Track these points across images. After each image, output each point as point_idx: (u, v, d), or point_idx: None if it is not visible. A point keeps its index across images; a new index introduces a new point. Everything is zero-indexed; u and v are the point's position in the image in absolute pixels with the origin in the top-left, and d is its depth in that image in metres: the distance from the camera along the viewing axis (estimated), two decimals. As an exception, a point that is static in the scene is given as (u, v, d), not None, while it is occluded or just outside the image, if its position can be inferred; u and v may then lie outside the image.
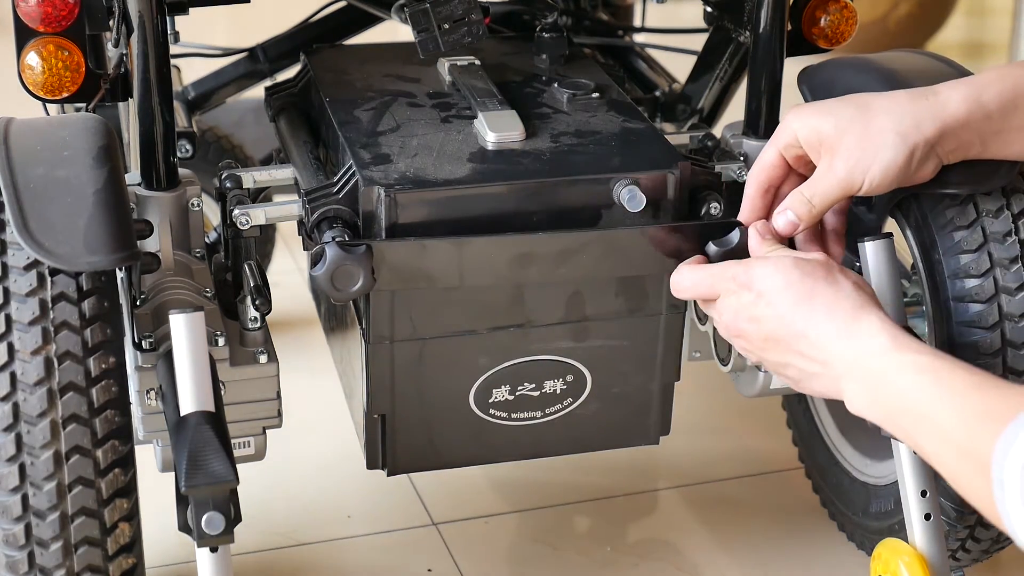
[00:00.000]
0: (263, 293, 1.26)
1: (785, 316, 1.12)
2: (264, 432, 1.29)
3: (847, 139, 1.18)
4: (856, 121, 1.19)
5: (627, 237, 1.25)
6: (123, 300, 1.24)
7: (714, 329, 1.44)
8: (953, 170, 1.23)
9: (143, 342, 1.22)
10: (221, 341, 1.24)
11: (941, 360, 1.02)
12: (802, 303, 1.11)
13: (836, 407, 1.61)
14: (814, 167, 1.22)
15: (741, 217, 1.25)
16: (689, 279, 1.22)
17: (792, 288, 1.12)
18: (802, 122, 1.21)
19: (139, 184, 1.29)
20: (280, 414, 1.29)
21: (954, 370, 1.00)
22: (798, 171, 1.25)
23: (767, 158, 1.24)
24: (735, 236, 1.24)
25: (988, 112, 1.18)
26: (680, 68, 1.66)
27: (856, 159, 1.18)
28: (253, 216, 1.29)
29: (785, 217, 1.22)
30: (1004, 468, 0.92)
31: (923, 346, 1.05)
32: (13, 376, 1.13)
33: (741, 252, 1.23)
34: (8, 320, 1.13)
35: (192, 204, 1.31)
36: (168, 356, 1.16)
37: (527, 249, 1.23)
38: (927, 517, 1.26)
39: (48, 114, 1.38)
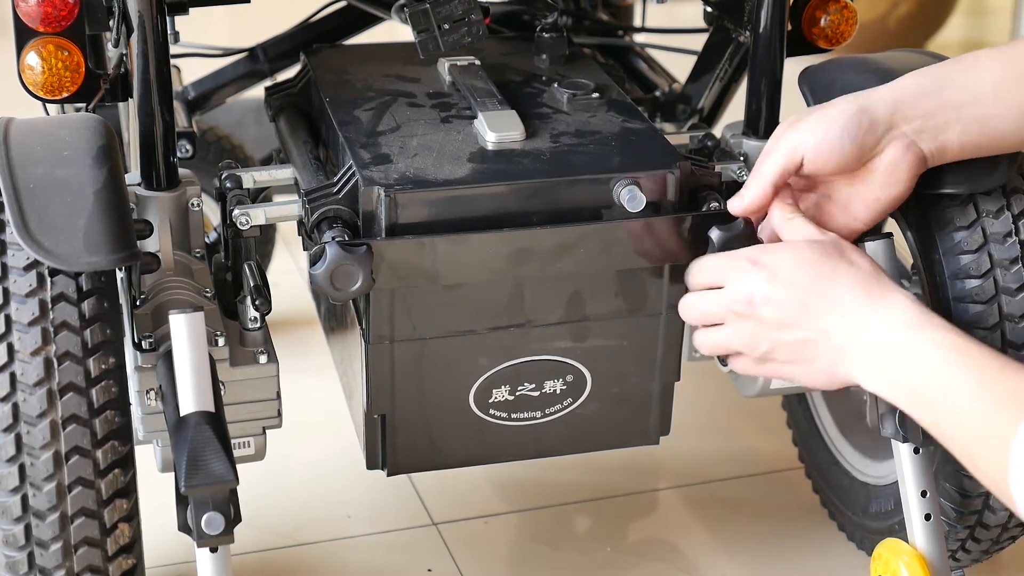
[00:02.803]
0: (263, 293, 1.26)
1: (805, 291, 1.10)
2: (264, 432, 1.29)
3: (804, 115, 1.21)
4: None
5: (623, 230, 1.24)
6: (123, 300, 1.24)
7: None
8: (951, 169, 1.23)
9: (143, 342, 1.22)
10: (221, 341, 1.24)
11: (967, 340, 1.02)
12: (823, 279, 1.10)
13: (836, 407, 1.61)
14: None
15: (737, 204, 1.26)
16: (696, 266, 1.21)
17: (812, 266, 1.11)
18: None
19: (139, 184, 1.29)
20: (280, 414, 1.29)
21: (981, 351, 1.00)
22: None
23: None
24: (740, 222, 1.24)
25: (945, 79, 1.17)
26: (680, 68, 1.66)
27: (802, 121, 1.20)
28: (253, 216, 1.29)
29: (737, 195, 1.23)
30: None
31: (949, 324, 1.05)
32: (13, 376, 1.13)
33: (746, 238, 1.23)
34: (8, 321, 1.13)
35: (192, 204, 1.31)
36: (168, 356, 1.16)
37: (524, 244, 1.23)
38: (927, 517, 1.26)
39: (48, 114, 1.38)
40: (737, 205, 1.24)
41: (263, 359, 1.27)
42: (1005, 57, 1.18)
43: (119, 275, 1.25)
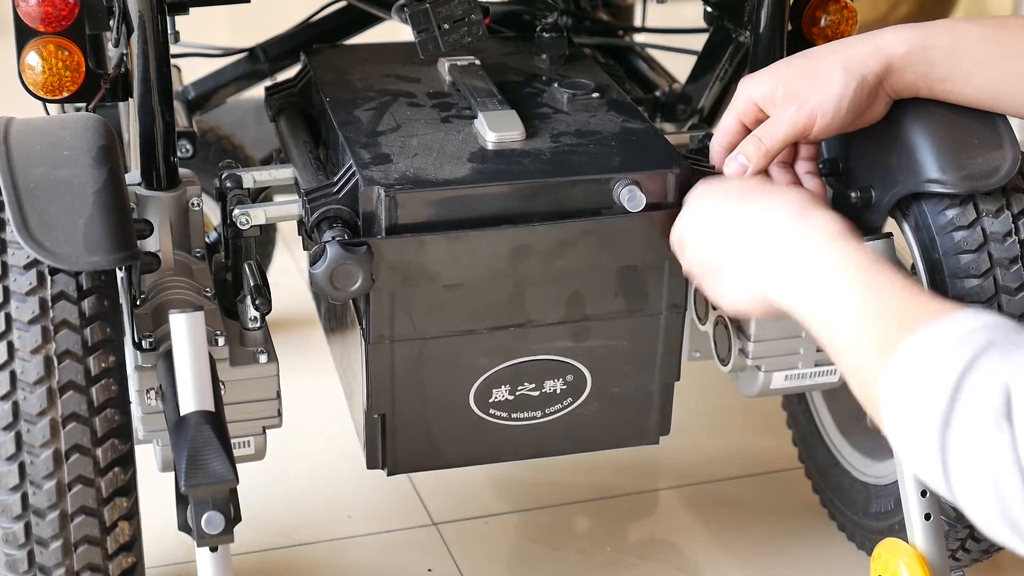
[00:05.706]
0: (263, 293, 1.26)
1: (748, 207, 1.12)
2: (264, 432, 1.29)
3: (797, 82, 1.23)
4: (804, 67, 1.24)
5: (622, 225, 1.25)
6: (123, 300, 1.24)
7: (714, 329, 1.44)
8: (951, 169, 1.23)
9: (143, 342, 1.22)
10: (221, 341, 1.24)
11: (879, 261, 1.00)
12: (765, 201, 1.12)
13: (836, 407, 1.61)
14: None
15: None
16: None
17: (763, 193, 1.14)
18: (755, 86, 1.26)
19: (139, 184, 1.29)
20: (280, 414, 1.29)
21: (888, 273, 0.98)
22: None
23: (727, 124, 1.28)
24: None
25: (931, 60, 1.23)
26: (680, 68, 1.66)
27: (806, 96, 1.23)
28: (253, 216, 1.29)
29: (736, 160, 1.26)
30: (900, 366, 0.90)
31: (866, 246, 1.03)
32: (13, 375, 1.13)
33: None
34: (8, 319, 1.13)
35: (192, 204, 1.31)
36: (168, 356, 1.16)
37: (524, 241, 1.23)
38: (927, 517, 1.26)
39: (48, 114, 1.38)
40: (738, 168, 1.26)
41: (263, 359, 1.27)
42: (991, 37, 1.22)
43: (119, 274, 1.25)
